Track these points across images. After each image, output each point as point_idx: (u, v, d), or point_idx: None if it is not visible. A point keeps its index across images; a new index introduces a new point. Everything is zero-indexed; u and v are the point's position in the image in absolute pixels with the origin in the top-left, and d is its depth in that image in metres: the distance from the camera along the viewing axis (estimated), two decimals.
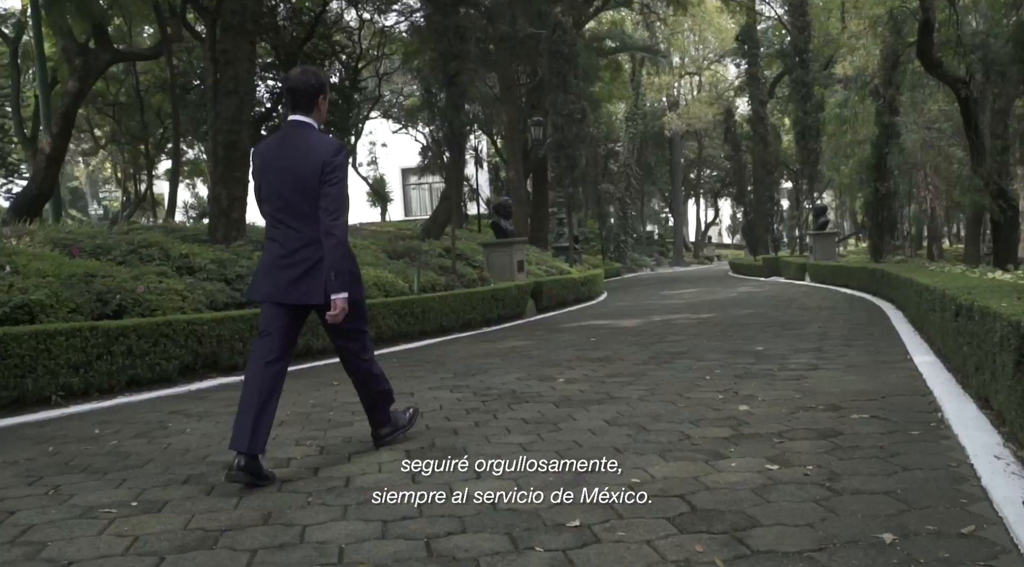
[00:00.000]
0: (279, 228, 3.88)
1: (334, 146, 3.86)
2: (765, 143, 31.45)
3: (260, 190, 4.01)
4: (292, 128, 3.94)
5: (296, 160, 3.84)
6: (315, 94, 3.94)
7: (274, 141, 4.02)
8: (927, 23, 17.21)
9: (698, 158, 64.84)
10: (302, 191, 3.80)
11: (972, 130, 18.38)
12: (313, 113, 3.95)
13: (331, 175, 3.78)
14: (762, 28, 38.14)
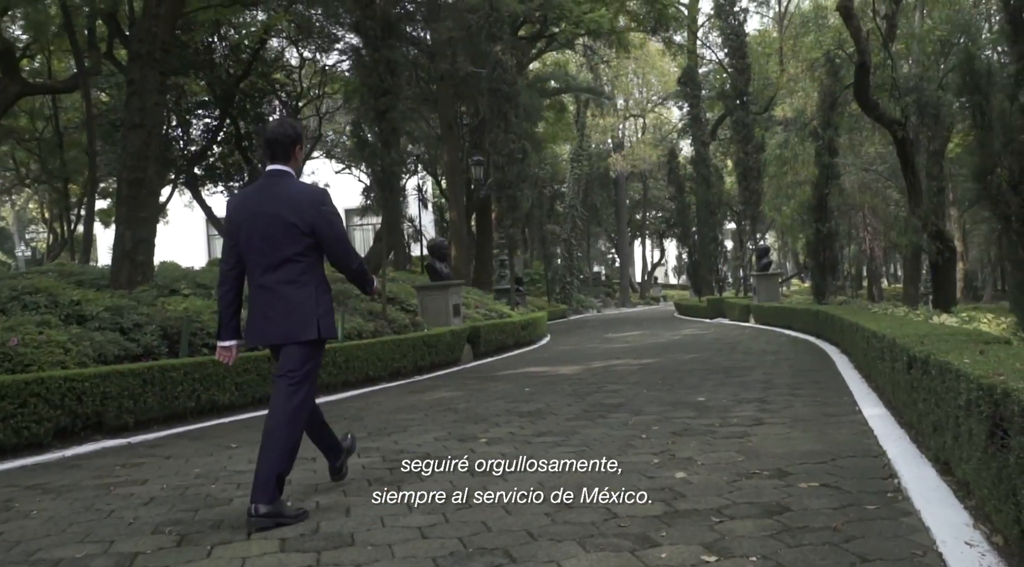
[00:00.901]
0: (264, 274, 3.98)
1: (319, 195, 4.06)
2: (708, 184, 31.51)
3: (236, 240, 4.06)
4: (272, 177, 4.09)
5: (280, 207, 3.97)
6: (292, 144, 4.12)
7: (254, 190, 4.15)
8: (863, 66, 17.30)
9: (643, 199, 65.33)
10: (285, 237, 3.94)
11: (909, 171, 18.46)
12: (290, 162, 4.12)
13: (329, 221, 4.00)
14: (704, 71, 38.59)
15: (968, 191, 30.79)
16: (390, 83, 12.58)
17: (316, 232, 3.96)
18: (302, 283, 3.95)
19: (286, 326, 3.95)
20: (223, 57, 31.28)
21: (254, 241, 3.99)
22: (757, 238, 30.38)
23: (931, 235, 17.66)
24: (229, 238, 4.12)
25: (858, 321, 8.81)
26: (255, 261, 4.01)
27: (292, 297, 3.94)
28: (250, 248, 4.01)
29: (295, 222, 3.93)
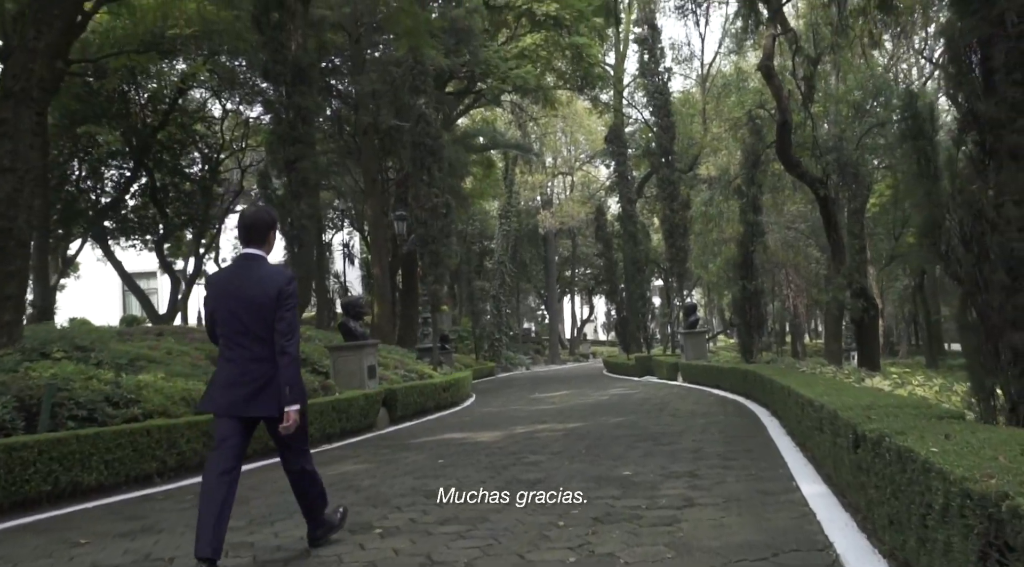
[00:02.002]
0: (234, 349, 4.26)
1: (286, 276, 4.38)
2: (635, 241, 31.49)
3: (214, 314, 4.38)
4: (247, 260, 4.41)
5: (252, 288, 4.28)
6: (268, 229, 4.50)
7: (230, 272, 4.49)
8: (784, 124, 17.38)
9: (572, 255, 65.56)
10: (257, 315, 4.24)
11: (832, 230, 18.51)
12: (264, 246, 4.47)
13: (286, 302, 4.29)
14: (630, 130, 39.04)
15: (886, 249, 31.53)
16: (301, 131, 11.90)
17: (277, 310, 4.26)
18: (269, 359, 4.24)
19: (255, 400, 4.23)
20: (140, 106, 30.19)
21: (227, 319, 4.31)
22: (684, 295, 30.35)
23: (855, 293, 17.65)
24: (208, 315, 4.46)
25: (790, 385, 8.33)
26: (228, 337, 4.31)
27: (260, 373, 4.23)
28: (224, 325, 4.33)
29: (265, 302, 4.25)
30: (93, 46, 24.02)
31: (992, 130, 3.77)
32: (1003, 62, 3.74)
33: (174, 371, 10.02)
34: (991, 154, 3.83)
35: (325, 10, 22.16)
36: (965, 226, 3.83)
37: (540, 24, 27.28)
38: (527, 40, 27.29)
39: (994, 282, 3.79)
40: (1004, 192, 3.73)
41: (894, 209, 28.53)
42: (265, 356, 4.23)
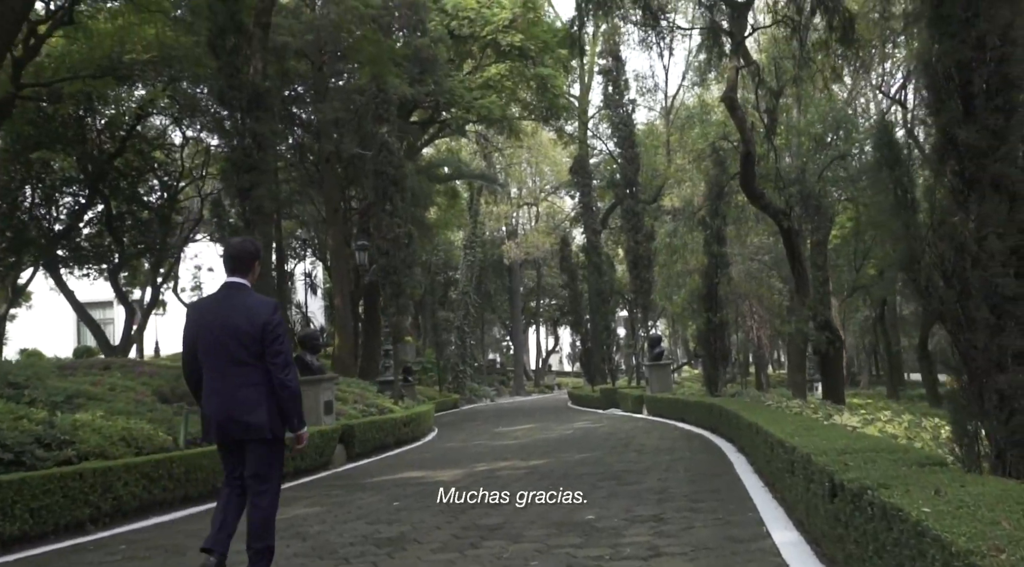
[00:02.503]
0: (221, 378, 4.37)
1: (271, 306, 4.46)
2: (600, 272, 31.37)
3: (196, 342, 4.48)
4: (231, 289, 4.51)
5: (238, 317, 4.36)
6: (252, 260, 4.60)
7: (213, 301, 4.58)
8: (748, 155, 17.37)
9: (537, 286, 65.44)
10: (243, 344, 4.32)
11: (796, 261, 18.48)
12: (248, 276, 4.57)
13: (275, 334, 4.36)
14: (595, 161, 39.11)
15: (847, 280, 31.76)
16: (257, 158, 11.52)
17: (263, 340, 4.34)
18: (255, 385, 4.33)
19: (243, 424, 4.34)
20: (96, 132, 29.51)
21: (212, 347, 4.40)
22: (649, 326, 30.22)
23: (819, 326, 17.58)
24: (188, 343, 4.52)
25: (757, 421, 8.07)
26: (212, 365, 4.40)
27: (246, 398, 4.32)
28: (208, 353, 4.41)
29: (250, 331, 4.33)
30: (48, 70, 23.48)
31: (973, 158, 3.57)
32: (983, 87, 3.56)
33: (115, 409, 9.50)
34: (972, 184, 3.63)
35: (287, 37, 21.83)
36: (946, 260, 3.61)
37: (505, 55, 27.26)
38: (492, 70, 27.22)
39: (977, 320, 3.57)
40: (987, 224, 3.53)
41: (855, 241, 28.75)
42: (251, 382, 4.33)
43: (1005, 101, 3.56)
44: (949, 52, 3.62)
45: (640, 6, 17.16)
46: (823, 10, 15.28)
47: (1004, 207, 3.51)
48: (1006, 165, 3.51)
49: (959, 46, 3.58)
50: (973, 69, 3.60)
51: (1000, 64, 3.54)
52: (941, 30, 3.64)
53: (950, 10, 3.59)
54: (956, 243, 3.59)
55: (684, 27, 24.16)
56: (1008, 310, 3.49)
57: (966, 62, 3.60)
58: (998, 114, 3.55)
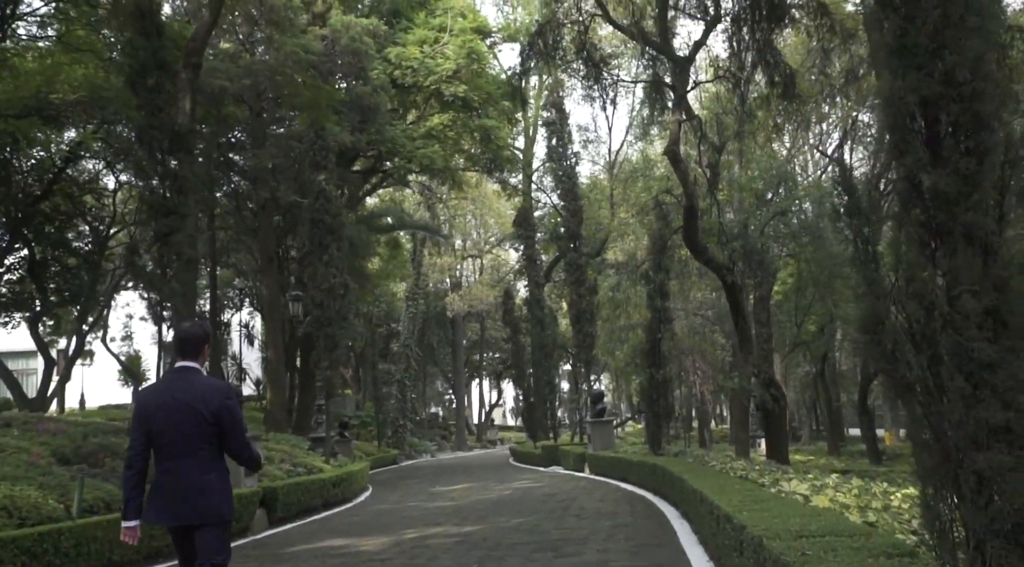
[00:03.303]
0: (173, 460, 4.37)
1: (225, 389, 4.55)
2: (542, 326, 30.93)
3: (150, 426, 4.42)
4: (183, 372, 4.55)
5: (190, 401, 4.39)
6: (203, 343, 4.63)
7: (166, 384, 4.62)
8: (691, 209, 17.22)
9: (481, 339, 64.88)
10: (195, 427, 4.37)
11: (739, 317, 18.27)
12: (199, 358, 4.61)
13: (232, 419, 4.43)
14: (539, 214, 39.03)
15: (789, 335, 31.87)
16: (177, 202, 10.83)
17: (220, 422, 4.36)
18: (208, 469, 4.34)
19: (198, 508, 4.31)
20: (22, 174, 28.29)
21: (165, 430, 4.36)
22: (592, 381, 29.78)
23: (762, 383, 17.31)
24: (140, 425, 4.44)
25: (703, 490, 7.56)
26: (165, 448, 4.37)
27: (200, 482, 4.33)
28: (160, 436, 4.37)
29: (204, 413, 4.34)
30: None
31: (942, 206, 3.18)
32: (952, 127, 3.19)
33: (3, 474, 8.57)
34: (942, 235, 3.23)
35: (225, 81, 21.24)
36: (915, 322, 3.19)
37: (449, 105, 27.05)
38: (435, 120, 26.95)
39: (952, 390, 3.13)
40: (959, 281, 3.12)
41: (797, 297, 28.86)
42: (204, 466, 4.36)
43: (976, 142, 3.19)
44: (914, 87, 3.25)
45: (582, 58, 17.05)
46: (764, 65, 15.33)
47: (978, 261, 3.11)
48: (978, 214, 3.12)
49: (925, 80, 3.22)
50: (941, 106, 3.23)
51: (971, 101, 3.18)
52: (905, 62, 3.27)
53: (915, 39, 3.23)
54: (926, 302, 3.17)
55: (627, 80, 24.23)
56: (985, 379, 3.06)
57: (933, 98, 3.23)
58: (969, 157, 3.17)
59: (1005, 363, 3.04)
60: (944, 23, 3.21)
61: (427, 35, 26.95)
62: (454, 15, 27.45)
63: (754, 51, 15.70)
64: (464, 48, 26.21)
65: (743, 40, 16.14)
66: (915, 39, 3.25)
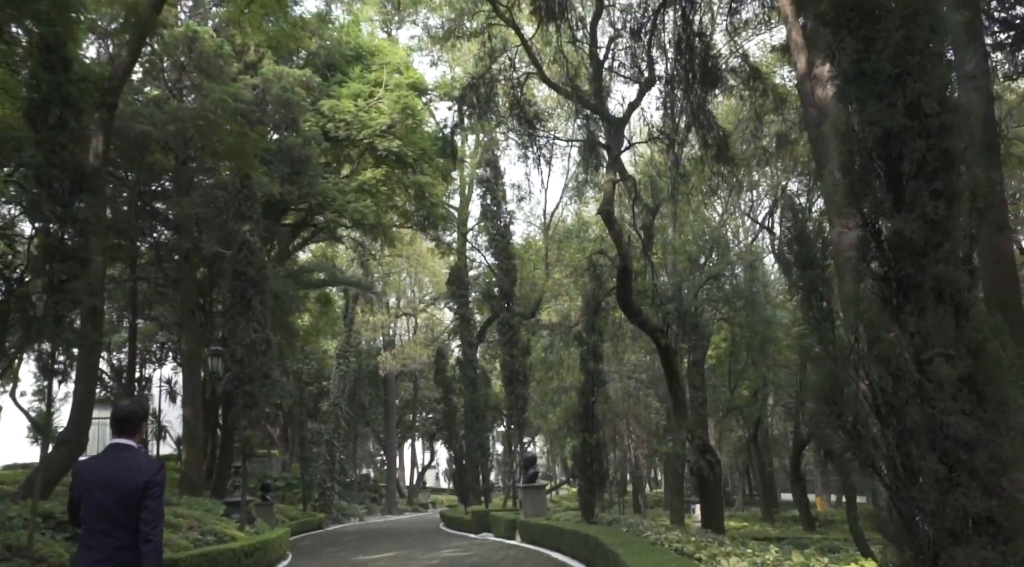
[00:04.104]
0: (97, 536, 4.39)
1: (156, 466, 4.55)
2: (475, 387, 30.19)
3: (80, 501, 4.52)
4: (119, 450, 4.59)
5: (122, 478, 4.43)
6: (140, 421, 4.77)
7: (100, 461, 4.62)
8: (625, 270, 16.97)
9: (414, 399, 63.74)
10: (123, 504, 4.39)
11: (673, 380, 17.95)
12: (135, 436, 4.68)
13: (153, 490, 4.44)
14: (474, 274, 38.64)
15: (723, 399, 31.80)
16: (76, 246, 10.01)
17: (142, 497, 4.38)
18: (130, 548, 4.34)
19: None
20: None
21: (94, 507, 4.42)
22: (526, 443, 29.06)
23: (697, 449, 16.92)
24: (73, 500, 4.58)
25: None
26: (92, 525, 4.42)
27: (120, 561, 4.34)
28: (89, 512, 4.43)
29: (133, 491, 4.38)
30: None
31: (909, 257, 2.77)
32: (918, 166, 2.80)
33: None
34: (908, 290, 2.82)
35: (148, 126, 20.46)
36: (881, 391, 2.74)
37: (383, 160, 26.64)
38: (367, 174, 26.46)
39: (925, 472, 2.67)
40: (931, 343, 2.69)
41: (730, 361, 28.85)
42: (127, 544, 4.36)
43: (946, 183, 2.80)
44: (875, 119, 2.85)
45: (516, 115, 16.86)
46: (698, 127, 15.33)
47: (950, 320, 2.70)
48: (950, 266, 2.71)
49: (888, 111, 2.83)
50: (905, 141, 2.85)
51: (939, 136, 2.80)
52: (864, 90, 2.88)
53: (876, 65, 2.86)
54: (892, 368, 2.73)
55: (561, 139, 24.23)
56: (962, 459, 2.60)
57: (897, 132, 2.84)
58: (938, 200, 2.78)
59: (985, 441, 2.59)
60: (907, 47, 2.85)
61: (362, 89, 26.63)
62: (390, 71, 27.24)
63: (688, 113, 15.70)
64: (399, 103, 25.95)
65: (677, 102, 16.16)
66: (876, 64, 2.88)
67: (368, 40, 29.54)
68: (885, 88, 2.83)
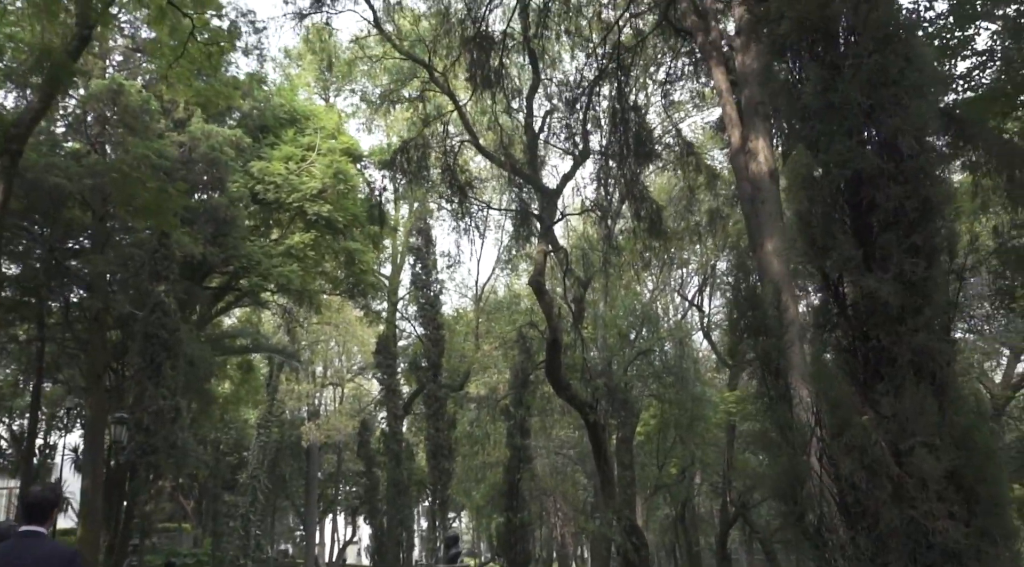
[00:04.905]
0: None
1: (68, 555, 4.42)
2: (398, 460, 29.15)
3: None
4: (27, 537, 4.41)
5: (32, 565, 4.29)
6: (52, 508, 4.61)
7: (10, 548, 4.41)
8: (555, 342, 16.55)
9: (337, 472, 61.62)
10: None
11: (601, 459, 17.40)
12: (46, 523, 4.53)
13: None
14: (404, 344, 37.85)
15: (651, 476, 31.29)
16: None
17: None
18: None
19: None
20: None
21: None
22: (450, 519, 27.96)
23: (624, 530, 16.29)
24: None
25: None
26: None
27: None
28: None
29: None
30: None
31: (883, 324, 2.32)
32: (893, 216, 2.39)
33: None
34: (882, 363, 2.37)
35: (63, 179, 19.48)
36: (852, 488, 2.26)
37: (312, 225, 25.96)
38: (296, 238, 25.71)
39: None
40: (910, 429, 2.23)
41: (659, 438, 28.46)
42: None
43: (925, 237, 2.38)
44: (843, 159, 2.43)
45: (448, 182, 16.54)
46: (631, 200, 15.22)
47: (932, 401, 2.24)
48: (931, 335, 2.28)
49: (858, 150, 2.42)
50: (879, 186, 2.44)
51: (918, 180, 2.39)
52: (831, 125, 2.47)
53: (846, 95, 2.46)
54: (866, 460, 2.24)
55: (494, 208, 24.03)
56: None
57: (870, 175, 2.42)
58: (916, 257, 2.36)
59: (976, 551, 2.12)
60: (881, 77, 2.47)
61: (294, 152, 26.12)
62: (324, 135, 26.83)
63: (622, 186, 15.61)
64: (332, 168, 25.47)
65: (611, 175, 16.08)
66: (846, 94, 2.48)
67: (303, 104, 29.18)
68: (855, 123, 2.44)
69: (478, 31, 14.70)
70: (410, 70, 19.78)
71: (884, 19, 2.40)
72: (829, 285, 2.51)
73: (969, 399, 2.32)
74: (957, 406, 2.29)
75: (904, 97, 2.46)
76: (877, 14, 2.40)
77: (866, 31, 2.48)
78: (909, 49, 2.46)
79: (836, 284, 2.51)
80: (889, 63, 2.48)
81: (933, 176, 2.48)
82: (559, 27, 15.41)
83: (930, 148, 2.45)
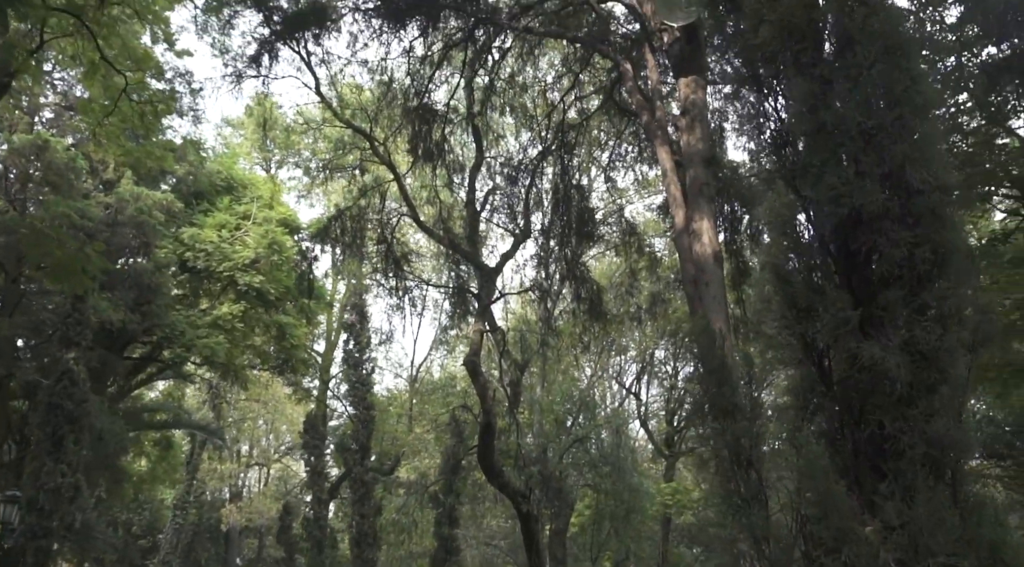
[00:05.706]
0: None
1: None
2: (320, 548, 27.52)
3: None
4: None
5: None
6: None
7: None
8: (488, 426, 15.84)
9: (258, 558, 58.55)
10: None
11: (534, 551, 16.50)
12: None
13: None
14: (335, 424, 36.47)
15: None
16: None
17: None
18: None
19: None
20: None
21: None
22: None
23: None
24: None
25: None
26: None
27: None
28: None
29: None
30: None
31: (888, 407, 1.82)
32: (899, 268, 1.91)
33: None
34: (884, 457, 1.84)
35: None
36: None
37: (243, 295, 24.98)
38: (224, 309, 24.65)
39: None
40: (924, 545, 1.69)
41: (593, 530, 27.51)
42: None
43: (940, 295, 1.90)
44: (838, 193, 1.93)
45: (384, 255, 16.00)
46: (572, 280, 14.87)
47: (950, 509, 1.72)
48: (947, 420, 1.78)
49: (856, 183, 1.94)
50: (881, 229, 1.96)
51: (933, 223, 1.91)
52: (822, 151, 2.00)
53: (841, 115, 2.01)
54: None
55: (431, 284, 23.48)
56: None
57: (874, 215, 1.93)
58: (929, 322, 1.87)
59: None
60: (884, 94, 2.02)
61: (229, 220, 25.32)
62: (261, 205, 26.14)
63: (563, 266, 15.27)
64: (267, 238, 24.70)
65: (552, 255, 15.75)
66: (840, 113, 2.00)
67: (241, 172, 28.55)
68: (854, 149, 1.96)
69: (421, 102, 14.45)
70: (351, 140, 19.43)
71: (886, 26, 2.01)
72: (811, 356, 2.02)
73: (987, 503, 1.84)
74: (979, 514, 1.79)
75: (913, 118, 2.03)
76: (878, 19, 2.01)
77: (865, 39, 2.07)
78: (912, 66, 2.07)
79: (822, 355, 2.03)
80: (896, 79, 2.05)
81: (947, 217, 2.02)
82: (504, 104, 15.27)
83: (944, 186, 2.01)
